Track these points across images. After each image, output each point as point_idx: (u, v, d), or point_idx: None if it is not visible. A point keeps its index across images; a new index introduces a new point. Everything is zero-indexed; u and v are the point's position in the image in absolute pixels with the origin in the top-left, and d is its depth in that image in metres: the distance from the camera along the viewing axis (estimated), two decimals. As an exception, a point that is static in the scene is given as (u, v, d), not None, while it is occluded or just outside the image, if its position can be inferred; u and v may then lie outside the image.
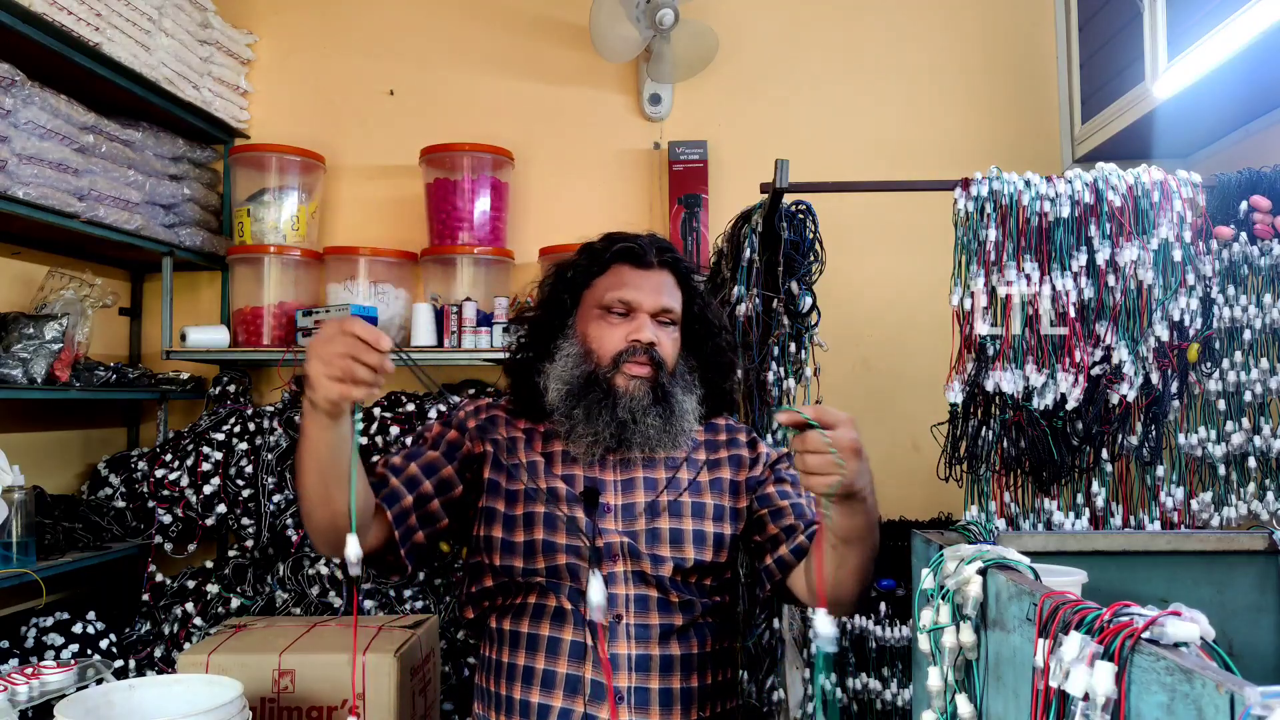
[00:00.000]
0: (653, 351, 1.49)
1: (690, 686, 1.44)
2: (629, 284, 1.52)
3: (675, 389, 1.50)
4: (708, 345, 1.59)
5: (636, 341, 1.49)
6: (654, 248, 1.57)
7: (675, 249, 1.61)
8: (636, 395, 1.46)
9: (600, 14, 2.91)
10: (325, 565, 2.67)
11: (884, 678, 2.35)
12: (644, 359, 1.48)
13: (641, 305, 1.51)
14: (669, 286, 1.55)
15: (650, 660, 1.42)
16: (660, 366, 1.50)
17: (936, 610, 1.09)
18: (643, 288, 1.52)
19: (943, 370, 2.17)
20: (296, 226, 3.00)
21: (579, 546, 1.45)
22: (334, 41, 3.26)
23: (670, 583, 1.45)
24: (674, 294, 1.56)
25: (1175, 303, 2.10)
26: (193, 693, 1.63)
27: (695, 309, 1.58)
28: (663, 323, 1.53)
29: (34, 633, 2.43)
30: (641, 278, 1.53)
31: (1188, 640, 0.72)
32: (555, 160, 3.20)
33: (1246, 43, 2.09)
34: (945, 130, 3.14)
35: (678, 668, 1.44)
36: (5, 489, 2.19)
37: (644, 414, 1.46)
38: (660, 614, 1.44)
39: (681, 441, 1.51)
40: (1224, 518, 2.15)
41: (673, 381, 1.51)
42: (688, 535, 1.48)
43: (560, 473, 1.50)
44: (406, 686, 2.01)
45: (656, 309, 1.52)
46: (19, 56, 2.25)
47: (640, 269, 1.54)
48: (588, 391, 1.47)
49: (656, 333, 1.51)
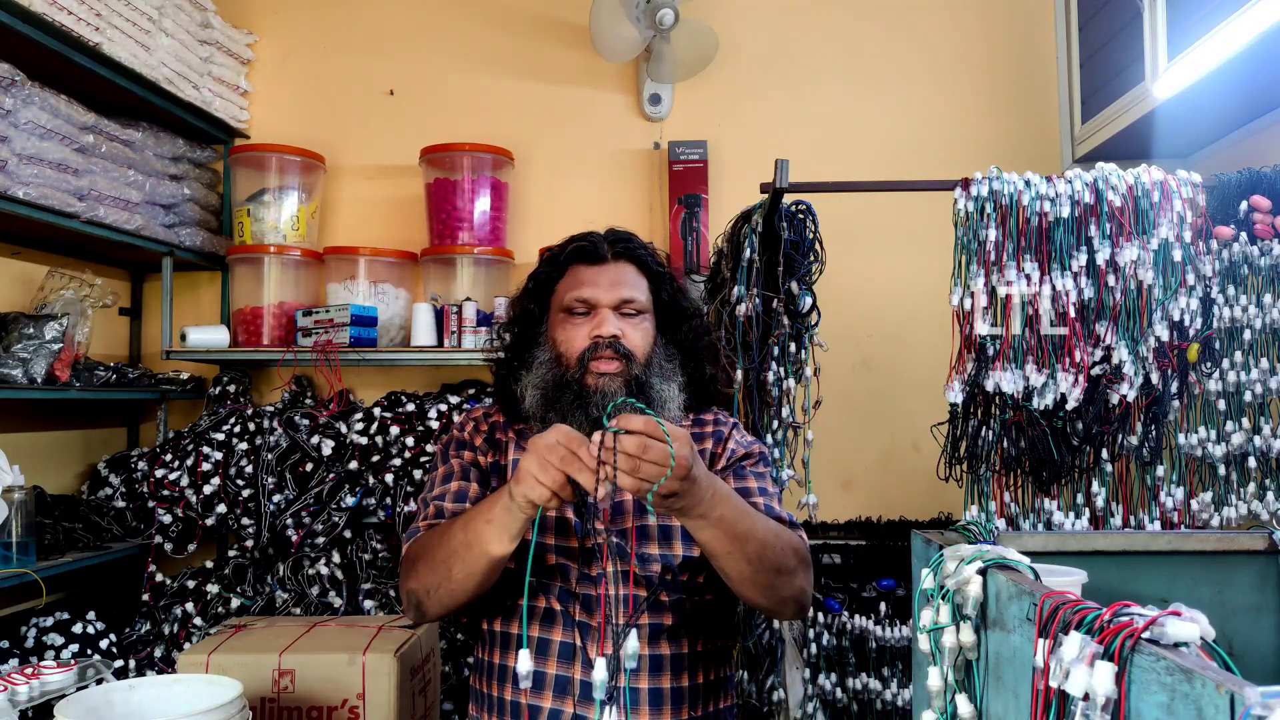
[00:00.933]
0: (618, 345, 1.47)
1: (680, 686, 1.44)
2: (585, 282, 1.52)
3: (652, 378, 1.49)
4: (682, 329, 1.56)
5: (599, 337, 1.47)
6: (607, 241, 1.55)
7: (633, 239, 1.58)
8: (608, 391, 1.44)
9: (600, 14, 2.91)
10: (325, 565, 2.67)
11: (884, 678, 2.35)
12: (610, 354, 1.46)
13: (600, 300, 1.50)
14: (629, 277, 1.53)
15: (640, 660, 1.41)
16: (629, 358, 1.47)
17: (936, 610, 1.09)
18: (599, 283, 1.51)
19: (943, 370, 2.17)
20: (296, 226, 3.00)
21: (568, 547, 1.45)
22: (334, 41, 3.26)
23: (661, 581, 1.44)
24: (636, 284, 1.54)
25: (1175, 303, 2.10)
26: (193, 693, 1.62)
27: (664, 296, 1.56)
28: (627, 314, 1.51)
29: (34, 633, 2.43)
30: (597, 273, 1.53)
31: (1188, 640, 0.72)
32: (555, 160, 3.20)
33: (1246, 43, 2.09)
34: (945, 130, 3.14)
35: (668, 667, 1.43)
36: (5, 489, 2.19)
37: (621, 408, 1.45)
38: (650, 614, 1.44)
39: None
40: (1224, 518, 2.15)
41: (648, 371, 1.49)
42: (676, 531, 1.47)
43: None
44: (406, 686, 2.01)
45: (616, 302, 1.50)
46: (19, 56, 2.25)
47: (595, 265, 1.53)
48: (561, 395, 1.47)
49: (620, 325, 1.49)
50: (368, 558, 2.71)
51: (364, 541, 2.74)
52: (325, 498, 2.69)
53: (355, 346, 2.82)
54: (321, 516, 2.69)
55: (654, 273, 1.56)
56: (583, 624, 1.42)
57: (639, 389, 1.46)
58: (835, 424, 2.73)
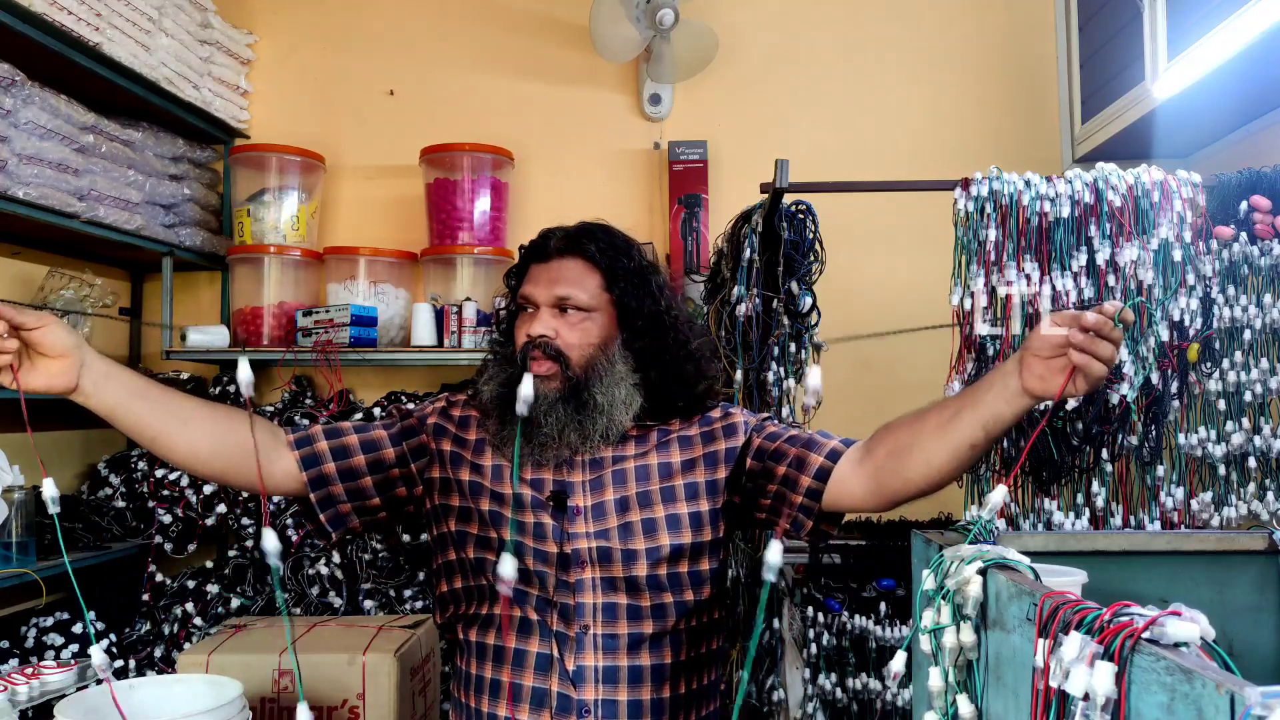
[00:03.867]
0: (546, 346, 1.41)
1: (661, 697, 1.40)
2: (529, 279, 1.48)
3: (591, 381, 1.41)
4: (636, 328, 1.47)
5: (530, 336, 1.43)
6: (557, 237, 1.49)
7: (590, 234, 1.49)
8: (539, 394, 1.37)
9: (600, 14, 2.91)
10: (325, 565, 2.67)
11: (884, 678, 2.35)
12: (540, 355, 1.41)
13: (536, 299, 1.45)
14: (572, 274, 1.45)
15: (618, 671, 1.38)
16: (561, 359, 1.41)
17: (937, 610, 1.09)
18: (539, 280, 1.46)
19: (943, 370, 2.17)
20: (296, 226, 3.01)
21: (546, 553, 1.41)
22: (334, 41, 3.26)
23: (646, 581, 1.40)
24: (579, 281, 1.45)
25: (1175, 303, 2.10)
26: (193, 693, 1.62)
27: (616, 292, 1.46)
28: (565, 310, 1.44)
29: (34, 633, 2.43)
30: (540, 271, 1.47)
31: (1188, 640, 0.72)
32: (555, 160, 3.20)
33: (1246, 43, 2.09)
34: (945, 130, 3.14)
35: (647, 678, 1.39)
36: (5, 489, 2.19)
37: (548, 412, 1.39)
38: (629, 623, 1.40)
39: (609, 435, 1.42)
40: (1224, 518, 2.15)
41: (588, 374, 1.41)
42: (660, 522, 1.43)
43: (529, 477, 1.45)
44: (406, 686, 2.01)
45: (551, 300, 1.44)
46: (19, 56, 2.25)
47: (541, 262, 1.49)
48: (503, 394, 1.41)
49: (556, 324, 1.43)
50: (368, 558, 2.71)
51: (364, 541, 2.74)
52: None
53: (355, 346, 2.82)
54: (321, 516, 2.68)
55: (606, 269, 1.46)
56: (560, 634, 1.38)
57: (572, 392, 1.40)
58: (835, 424, 2.72)
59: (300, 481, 1.43)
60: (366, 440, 1.47)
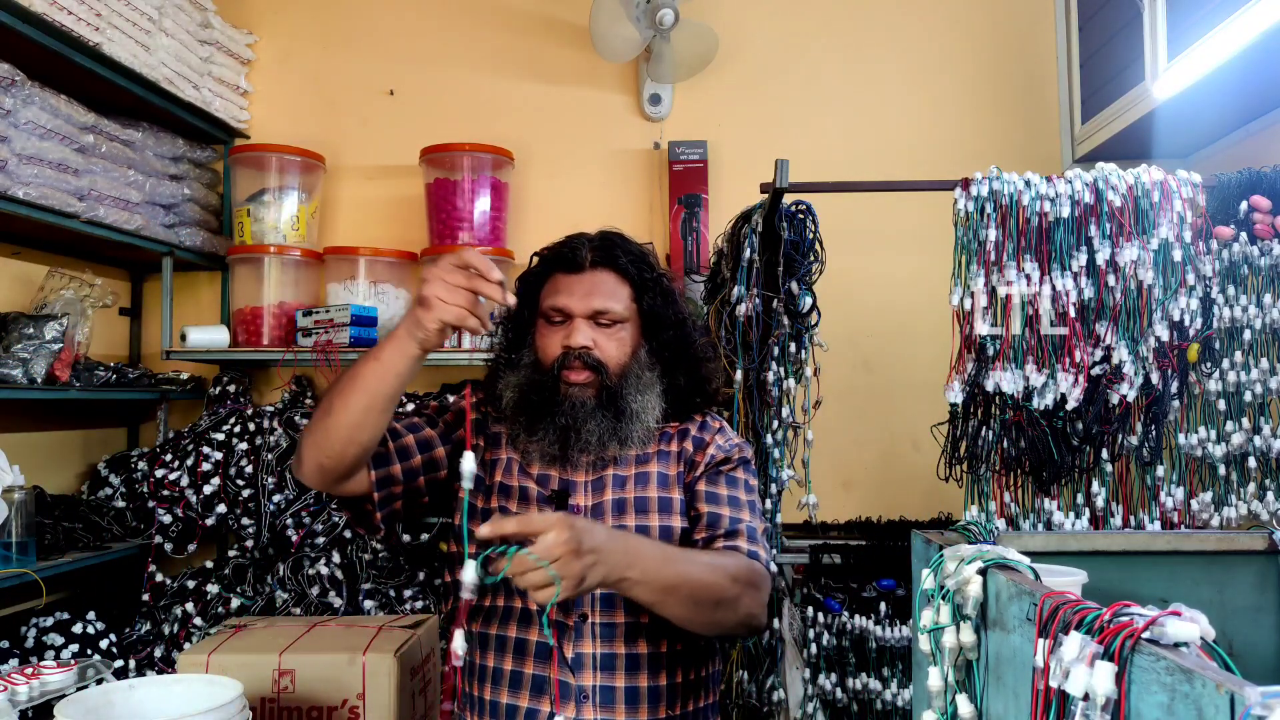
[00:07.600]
0: (587, 356, 1.47)
1: (658, 685, 1.44)
2: (561, 290, 1.52)
3: (626, 389, 1.48)
4: (664, 338, 1.54)
5: (569, 347, 1.48)
6: (587, 248, 1.54)
7: (618, 244, 1.56)
8: (578, 402, 1.46)
9: (600, 14, 2.91)
10: (325, 565, 2.67)
11: (884, 678, 2.35)
12: (579, 365, 1.47)
13: (573, 310, 1.50)
14: (607, 286, 1.52)
15: (616, 659, 1.43)
16: (600, 369, 1.48)
17: (937, 610, 1.09)
18: (574, 292, 1.51)
19: (943, 370, 2.17)
20: (296, 226, 3.00)
21: None
22: (334, 41, 3.26)
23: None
24: (614, 293, 1.52)
25: (1175, 303, 2.10)
26: (193, 693, 1.62)
27: (645, 305, 1.54)
28: (602, 324, 1.50)
29: (34, 633, 2.43)
30: (574, 282, 1.52)
31: (1188, 640, 0.72)
32: (555, 160, 3.20)
33: (1246, 43, 2.09)
34: (945, 130, 3.14)
35: (644, 666, 1.44)
36: (5, 489, 2.19)
37: (586, 420, 1.46)
38: (626, 612, 1.44)
39: (636, 441, 1.49)
40: (1224, 518, 2.15)
41: (624, 382, 1.49)
42: (654, 532, 1.48)
43: (535, 472, 1.52)
44: (406, 687, 2.01)
45: (588, 312, 1.50)
46: (19, 56, 2.25)
47: (573, 273, 1.53)
48: (533, 399, 1.49)
49: (594, 335, 1.49)
50: (368, 558, 2.71)
51: (364, 541, 2.74)
52: (325, 498, 2.69)
53: (355, 346, 2.81)
54: (321, 516, 2.69)
55: (636, 280, 1.54)
56: (559, 623, 1.43)
57: (609, 400, 1.47)
58: (835, 424, 2.73)
59: (368, 481, 1.46)
60: (421, 440, 1.53)
